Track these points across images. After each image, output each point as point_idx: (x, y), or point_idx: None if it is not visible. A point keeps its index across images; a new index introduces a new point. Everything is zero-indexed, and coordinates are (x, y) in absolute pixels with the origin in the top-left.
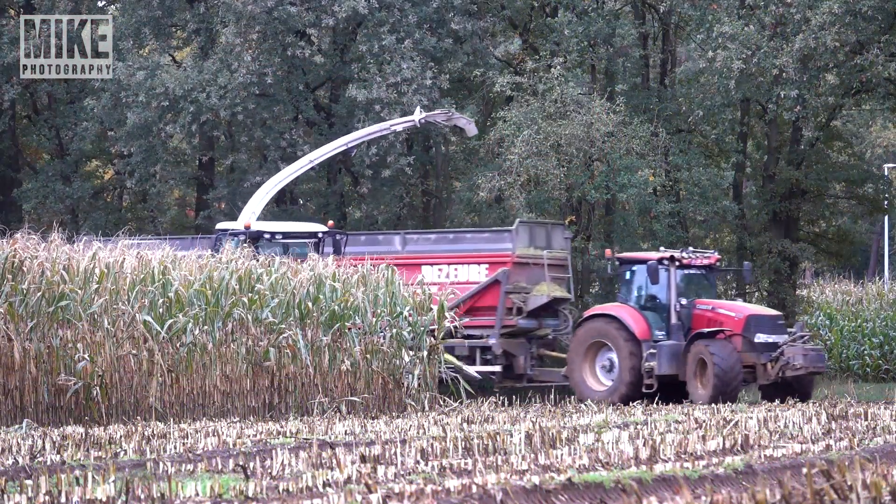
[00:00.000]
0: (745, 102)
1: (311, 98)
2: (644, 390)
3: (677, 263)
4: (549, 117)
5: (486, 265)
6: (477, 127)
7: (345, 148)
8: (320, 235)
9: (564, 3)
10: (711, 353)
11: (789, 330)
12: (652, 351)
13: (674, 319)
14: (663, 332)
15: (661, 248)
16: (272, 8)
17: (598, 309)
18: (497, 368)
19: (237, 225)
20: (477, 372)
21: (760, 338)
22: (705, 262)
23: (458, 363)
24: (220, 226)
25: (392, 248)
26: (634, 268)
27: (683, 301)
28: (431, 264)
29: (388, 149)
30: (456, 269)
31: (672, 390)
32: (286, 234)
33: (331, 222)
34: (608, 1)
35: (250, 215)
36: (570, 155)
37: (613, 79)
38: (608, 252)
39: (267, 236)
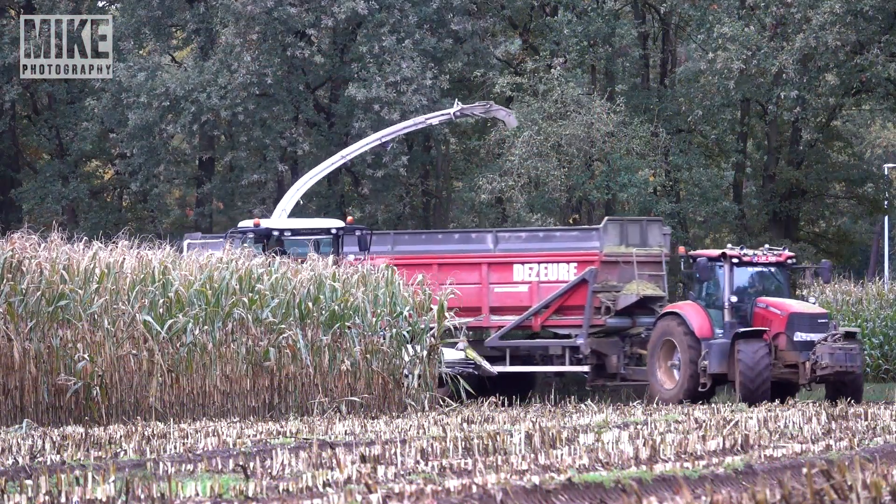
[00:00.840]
0: (745, 103)
1: (311, 98)
2: (699, 389)
3: (736, 261)
4: (550, 118)
5: (575, 264)
6: (517, 119)
7: (379, 143)
8: (334, 232)
9: (564, 2)
10: (739, 352)
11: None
12: (707, 350)
13: (727, 317)
14: (723, 331)
15: (729, 246)
16: (272, 8)
17: (668, 307)
18: (585, 368)
19: (269, 223)
20: (557, 373)
21: (800, 336)
22: (772, 259)
23: (480, 359)
24: (241, 224)
25: (484, 247)
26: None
27: (734, 299)
28: (523, 263)
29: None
30: (546, 268)
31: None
32: (295, 231)
33: (350, 218)
34: (608, 1)
35: (281, 213)
36: (571, 155)
37: (613, 79)
38: (681, 249)
39: (276, 233)
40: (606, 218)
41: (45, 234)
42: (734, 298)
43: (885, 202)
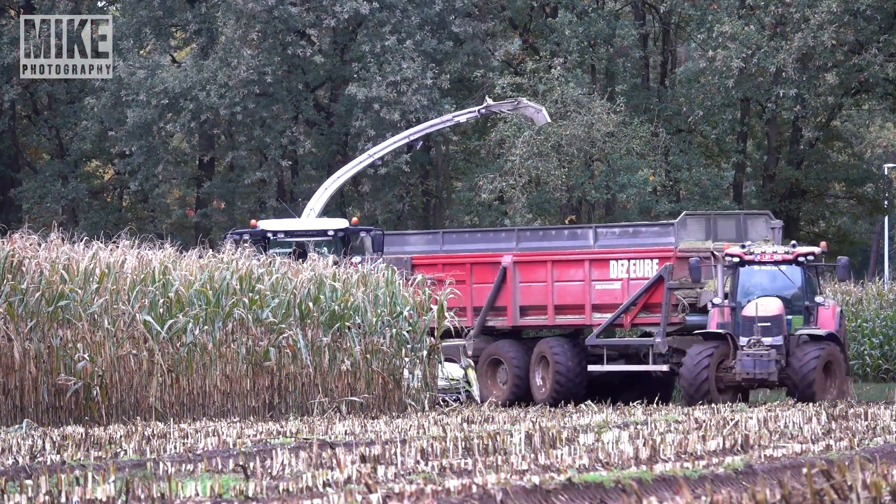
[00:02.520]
0: (745, 102)
1: (311, 97)
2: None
3: (736, 260)
4: (550, 118)
5: (656, 260)
6: (547, 117)
7: (407, 141)
8: (331, 233)
9: (564, 3)
10: (685, 354)
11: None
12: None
13: (717, 318)
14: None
15: (746, 243)
16: (272, 7)
17: None
18: (664, 367)
19: (266, 225)
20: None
21: (743, 340)
22: (778, 257)
23: (474, 382)
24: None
25: (585, 243)
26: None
27: (717, 300)
28: (617, 259)
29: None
30: (634, 265)
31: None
32: (290, 233)
33: (355, 219)
34: (608, 1)
35: (309, 213)
36: (571, 155)
37: (613, 79)
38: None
39: (270, 235)
40: (684, 212)
41: (45, 234)
42: (717, 300)
43: (885, 202)
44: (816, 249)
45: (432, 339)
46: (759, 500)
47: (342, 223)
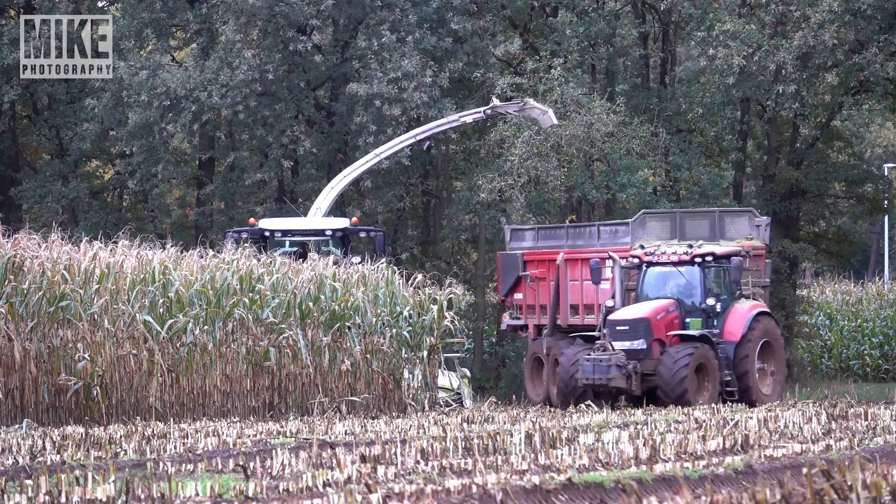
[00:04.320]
0: (745, 102)
1: (312, 96)
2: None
3: (636, 261)
4: (556, 120)
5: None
6: (555, 118)
7: (415, 140)
8: (329, 233)
9: (565, 3)
10: (559, 356)
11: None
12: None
13: (601, 319)
14: None
15: (646, 244)
16: (273, 3)
17: None
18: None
19: (264, 223)
20: None
21: (616, 345)
22: (676, 258)
23: (466, 391)
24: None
25: (590, 242)
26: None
27: (610, 303)
28: (585, 259)
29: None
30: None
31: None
32: (288, 232)
33: (355, 218)
34: (608, 1)
35: (315, 212)
36: (571, 155)
37: (613, 79)
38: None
39: (267, 234)
40: (642, 211)
41: (45, 234)
42: (610, 303)
43: (885, 202)
44: (720, 250)
45: (432, 339)
46: (759, 500)
47: (341, 223)
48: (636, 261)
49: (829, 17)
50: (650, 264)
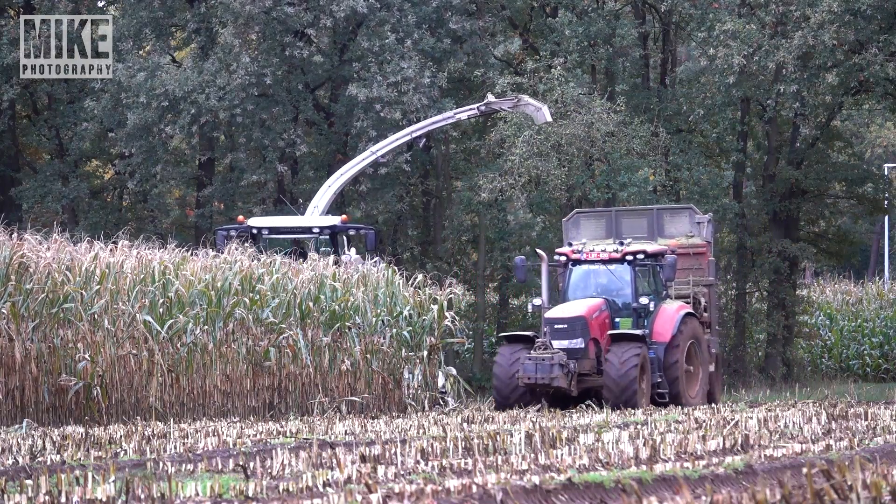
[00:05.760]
0: (745, 102)
1: (311, 98)
2: None
3: (562, 258)
4: (550, 116)
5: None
6: (551, 114)
7: (409, 138)
8: (317, 230)
9: (564, 3)
10: (495, 359)
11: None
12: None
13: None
14: None
15: (575, 242)
16: (270, 8)
17: None
18: None
19: (252, 221)
20: None
21: (555, 343)
22: (605, 256)
23: (450, 391)
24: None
25: None
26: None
27: (537, 301)
28: None
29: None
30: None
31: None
32: (275, 230)
33: (344, 216)
34: (608, 1)
35: (313, 210)
36: (571, 155)
37: (614, 79)
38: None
39: (255, 231)
40: (576, 210)
41: (45, 234)
42: (537, 301)
43: (886, 202)
44: (651, 248)
45: (432, 339)
46: (759, 500)
47: (330, 220)
48: (563, 258)
49: (829, 18)
50: (577, 262)
